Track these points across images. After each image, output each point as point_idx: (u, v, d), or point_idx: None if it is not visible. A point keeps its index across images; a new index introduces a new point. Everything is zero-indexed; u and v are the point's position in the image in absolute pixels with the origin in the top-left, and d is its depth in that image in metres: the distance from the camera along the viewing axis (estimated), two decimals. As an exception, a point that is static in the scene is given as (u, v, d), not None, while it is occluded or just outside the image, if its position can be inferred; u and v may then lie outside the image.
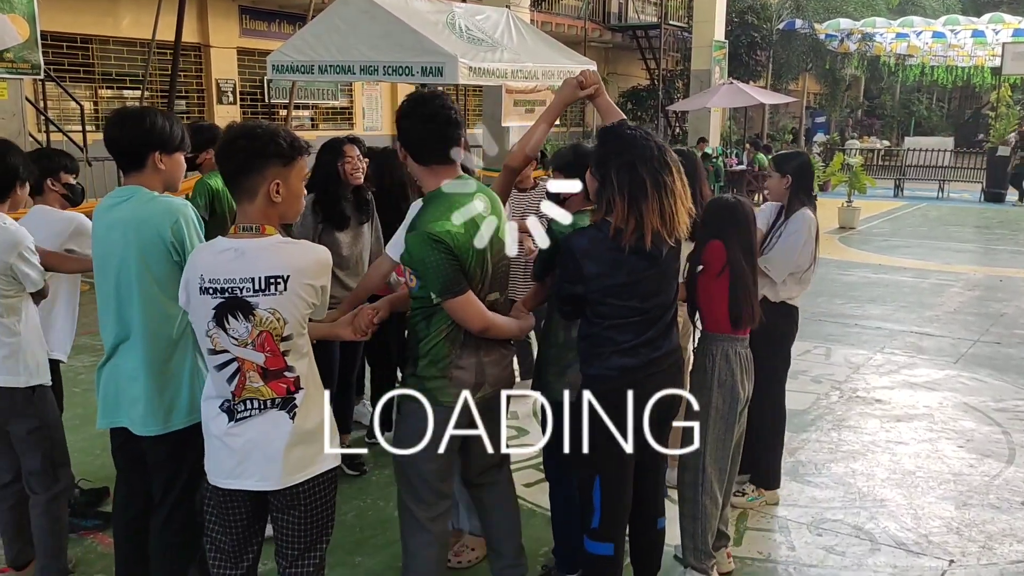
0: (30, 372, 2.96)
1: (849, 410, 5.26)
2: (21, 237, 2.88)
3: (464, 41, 10.18)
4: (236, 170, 2.25)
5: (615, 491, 2.76)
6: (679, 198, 2.58)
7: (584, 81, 2.92)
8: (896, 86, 31.99)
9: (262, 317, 2.21)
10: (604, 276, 2.59)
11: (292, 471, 2.30)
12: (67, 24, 12.20)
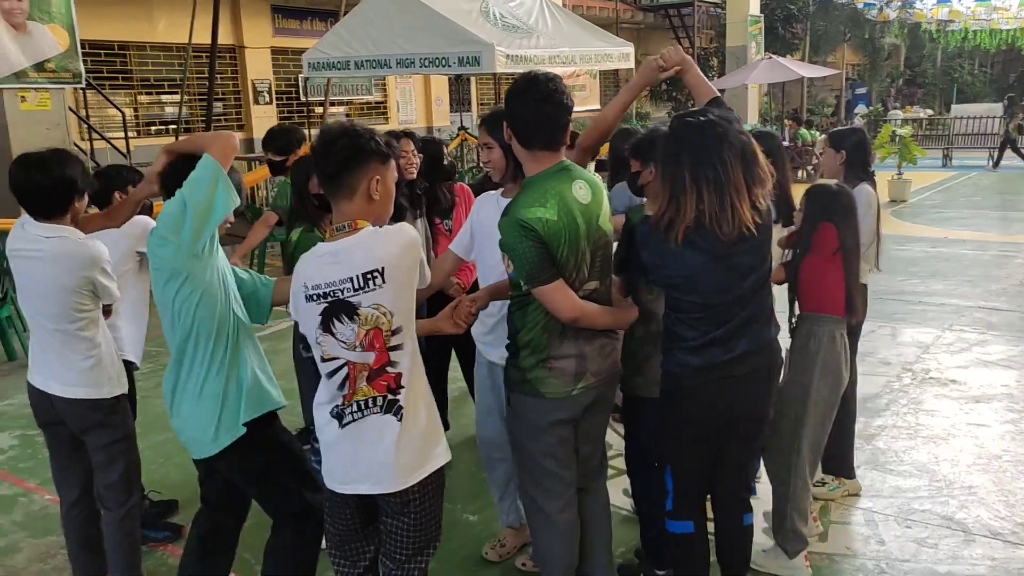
0: (112, 382, 2.93)
1: (924, 392, 5.06)
2: (100, 252, 2.83)
3: (499, 29, 10.04)
4: (339, 168, 2.22)
5: (685, 477, 2.74)
6: (736, 191, 2.41)
7: (665, 64, 2.79)
8: (937, 53, 31.17)
9: (367, 315, 2.18)
10: (659, 267, 2.55)
11: (404, 473, 2.26)
12: (104, 32, 12.28)
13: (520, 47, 9.68)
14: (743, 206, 2.41)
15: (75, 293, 2.79)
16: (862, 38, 25.57)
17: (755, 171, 2.45)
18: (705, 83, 2.84)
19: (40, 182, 2.76)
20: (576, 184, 2.50)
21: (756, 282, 2.54)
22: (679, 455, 2.73)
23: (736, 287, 2.50)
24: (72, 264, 2.78)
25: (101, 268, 2.82)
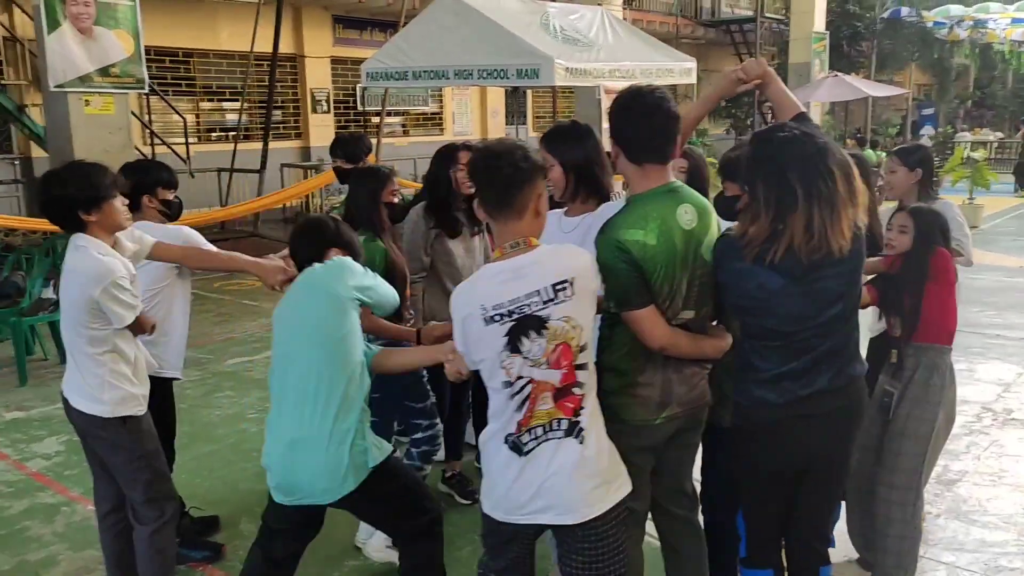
0: (118, 403, 2.84)
1: (1006, 435, 4.73)
2: (110, 270, 2.72)
3: (559, 41, 9.89)
4: (508, 185, 2.18)
5: (758, 521, 2.57)
6: (840, 207, 2.23)
7: (745, 76, 2.63)
8: (1008, 75, 30.19)
9: (556, 328, 2.14)
10: (732, 287, 2.38)
11: (588, 503, 2.20)
12: (168, 39, 12.47)
13: (580, 60, 9.52)
14: (845, 225, 2.23)
15: (81, 308, 2.74)
16: (931, 57, 24.86)
17: (854, 187, 2.27)
18: (789, 97, 2.66)
19: (42, 200, 2.81)
20: (682, 208, 2.39)
21: (843, 311, 2.32)
22: (751, 496, 2.56)
23: (818, 315, 2.30)
24: (80, 279, 2.74)
25: (104, 288, 2.70)
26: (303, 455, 2.53)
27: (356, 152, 4.85)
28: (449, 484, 4.09)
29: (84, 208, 2.75)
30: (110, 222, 2.81)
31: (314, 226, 2.80)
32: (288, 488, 2.59)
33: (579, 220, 2.80)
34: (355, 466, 2.55)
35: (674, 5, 19.94)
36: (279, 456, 2.58)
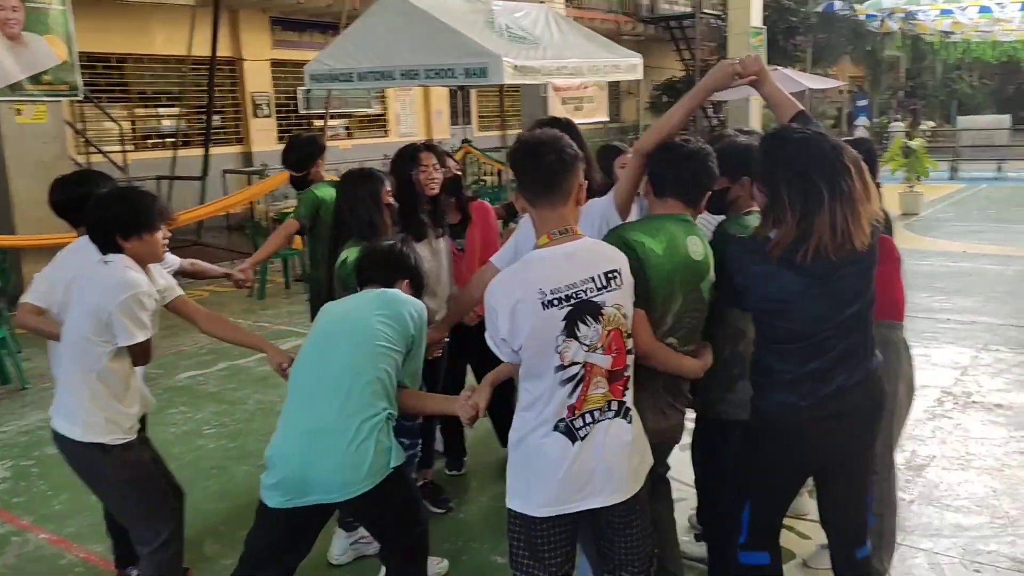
0: (89, 426, 2.73)
1: (969, 418, 4.80)
2: (137, 283, 2.70)
3: (505, 40, 9.82)
4: (555, 172, 2.22)
5: (765, 516, 2.58)
6: (859, 204, 2.24)
7: (742, 71, 2.57)
8: (937, 65, 31.08)
9: (610, 315, 2.20)
10: (752, 288, 2.38)
11: (634, 478, 2.30)
12: (101, 44, 12.05)
13: (527, 58, 9.46)
14: (865, 222, 2.24)
15: (90, 319, 2.70)
16: (864, 50, 25.44)
17: (868, 184, 2.28)
18: (785, 96, 2.62)
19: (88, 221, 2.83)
20: (692, 238, 2.50)
21: (860, 309, 2.34)
22: (763, 492, 2.54)
23: (838, 315, 2.31)
24: (101, 288, 2.70)
25: (126, 300, 2.66)
26: (325, 445, 2.45)
27: (305, 158, 4.69)
28: (421, 494, 3.97)
29: (124, 233, 2.75)
30: (145, 253, 2.81)
31: (394, 256, 2.86)
32: (299, 483, 2.45)
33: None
34: (378, 464, 2.48)
35: (614, 2, 20.04)
36: (295, 447, 2.48)
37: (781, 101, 2.61)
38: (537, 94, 12.35)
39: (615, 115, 22.37)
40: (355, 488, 2.46)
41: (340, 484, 2.45)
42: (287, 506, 2.48)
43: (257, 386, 5.75)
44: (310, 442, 2.47)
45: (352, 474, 2.45)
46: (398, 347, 2.61)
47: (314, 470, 2.45)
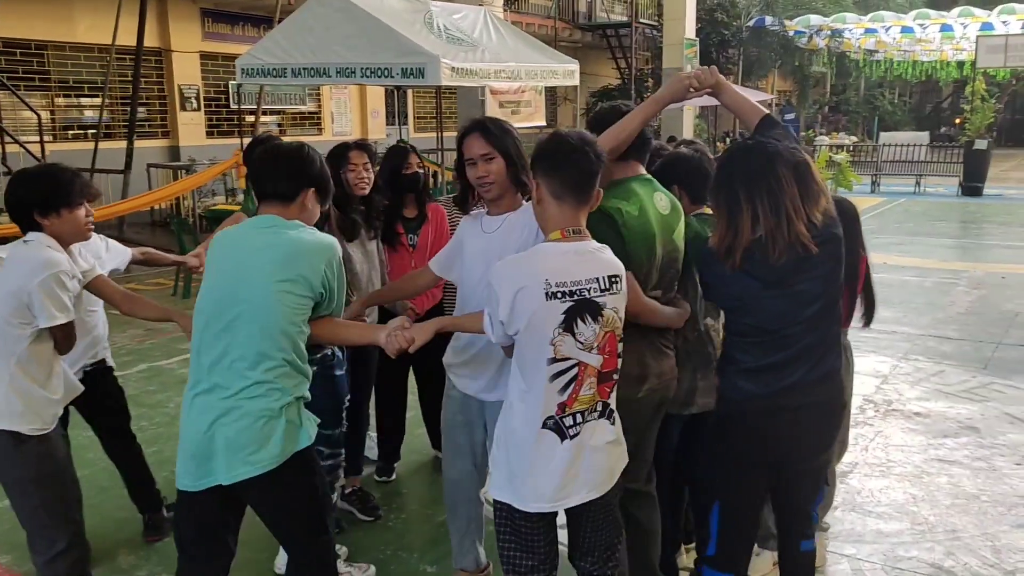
0: (3, 414, 2.67)
1: (889, 426, 4.93)
2: (56, 262, 2.65)
3: (443, 41, 9.75)
4: (592, 175, 2.28)
5: (736, 521, 2.60)
6: (788, 205, 2.32)
7: (698, 85, 2.61)
8: (861, 82, 32.19)
9: (608, 317, 2.26)
10: (716, 288, 2.56)
11: (611, 477, 2.37)
12: (21, 30, 11.56)
13: (465, 60, 9.41)
14: (799, 222, 2.31)
15: (10, 301, 2.64)
16: (792, 65, 26.17)
17: (811, 187, 2.35)
18: (747, 103, 2.67)
19: (6, 199, 2.76)
20: (657, 195, 2.63)
21: (821, 309, 2.43)
22: (728, 487, 2.59)
23: (799, 315, 2.41)
24: (21, 268, 2.65)
25: (45, 279, 2.60)
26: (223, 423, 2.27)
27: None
28: (349, 501, 3.88)
29: (42, 210, 2.70)
30: (66, 231, 2.75)
31: (295, 160, 2.45)
32: (201, 454, 2.28)
33: (502, 219, 2.70)
34: (288, 431, 2.30)
35: (552, 8, 20.13)
36: (195, 415, 2.31)
37: (743, 108, 2.67)
38: (474, 96, 12.29)
39: (552, 120, 22.52)
40: (263, 460, 2.28)
41: (239, 462, 2.28)
42: (195, 488, 2.33)
43: (178, 388, 5.54)
44: (207, 403, 2.31)
45: (257, 438, 2.28)
46: (305, 312, 2.37)
47: (214, 438, 2.29)
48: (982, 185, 17.28)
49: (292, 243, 2.34)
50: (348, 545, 3.53)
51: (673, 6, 19.28)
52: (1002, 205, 16.08)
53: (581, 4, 22.34)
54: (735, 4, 23.52)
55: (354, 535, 3.67)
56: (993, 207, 15.84)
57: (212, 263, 2.41)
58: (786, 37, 24.04)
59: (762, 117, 2.61)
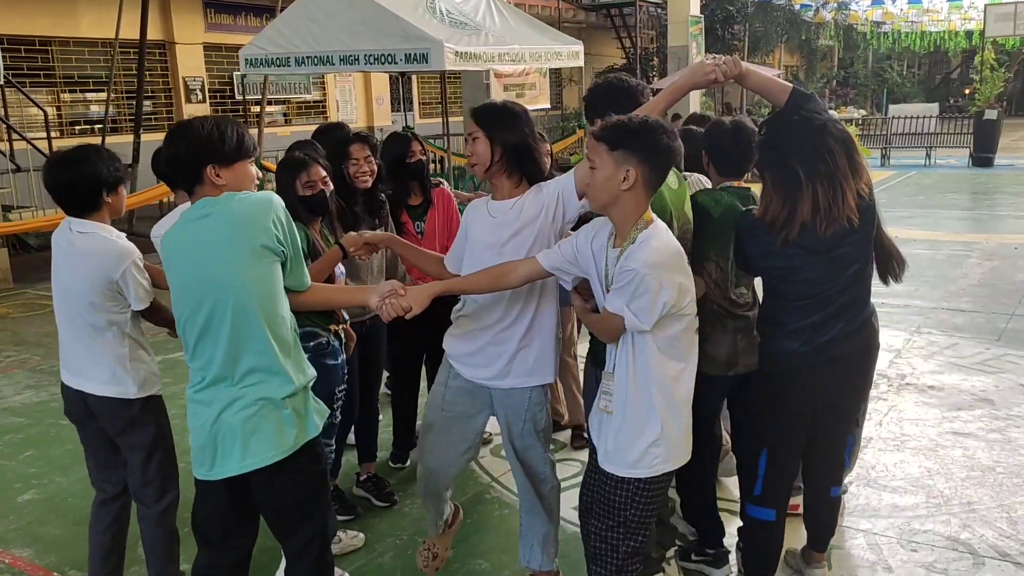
0: (140, 383, 2.88)
1: (903, 400, 4.92)
2: (131, 250, 2.78)
3: (446, 25, 9.69)
4: (671, 160, 2.36)
5: (780, 465, 2.80)
6: (843, 181, 2.44)
7: (722, 77, 2.60)
8: (869, 55, 31.89)
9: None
10: (760, 258, 2.65)
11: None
12: (24, 27, 11.57)
13: (469, 44, 9.36)
14: (850, 197, 2.44)
15: (99, 290, 2.76)
16: (798, 39, 25.94)
17: (856, 161, 2.48)
18: (773, 81, 2.69)
19: (64, 179, 2.76)
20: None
21: (858, 270, 2.60)
22: (777, 437, 2.77)
23: (838, 277, 2.56)
24: (98, 260, 2.75)
25: (127, 268, 2.74)
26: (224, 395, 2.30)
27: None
28: (365, 487, 3.91)
29: (109, 188, 2.79)
30: (119, 206, 2.87)
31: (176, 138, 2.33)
32: (211, 445, 2.30)
33: (511, 203, 2.68)
34: (294, 420, 2.31)
35: (555, -11, 19.98)
36: (200, 409, 2.34)
37: (770, 89, 2.67)
38: (479, 80, 12.27)
39: (557, 102, 22.41)
40: (277, 447, 2.28)
41: (247, 452, 2.28)
42: (212, 477, 2.33)
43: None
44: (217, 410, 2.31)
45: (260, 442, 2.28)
46: (276, 282, 2.32)
47: (220, 439, 2.30)
48: (993, 156, 17.13)
49: (232, 215, 2.26)
50: (365, 531, 3.56)
51: (677, -17, 19.14)
52: (1014, 175, 15.94)
53: (584, -16, 22.20)
54: (740, -21, 23.33)
55: (370, 520, 3.70)
56: (1004, 177, 15.71)
57: (171, 270, 2.35)
58: (792, 11, 23.85)
59: (791, 91, 2.60)
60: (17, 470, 4.36)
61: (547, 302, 2.76)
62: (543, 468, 2.89)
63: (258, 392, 2.29)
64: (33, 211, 9.64)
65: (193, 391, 2.37)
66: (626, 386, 2.37)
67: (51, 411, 5.09)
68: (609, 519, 2.47)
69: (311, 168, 3.16)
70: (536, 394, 2.80)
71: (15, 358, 6.35)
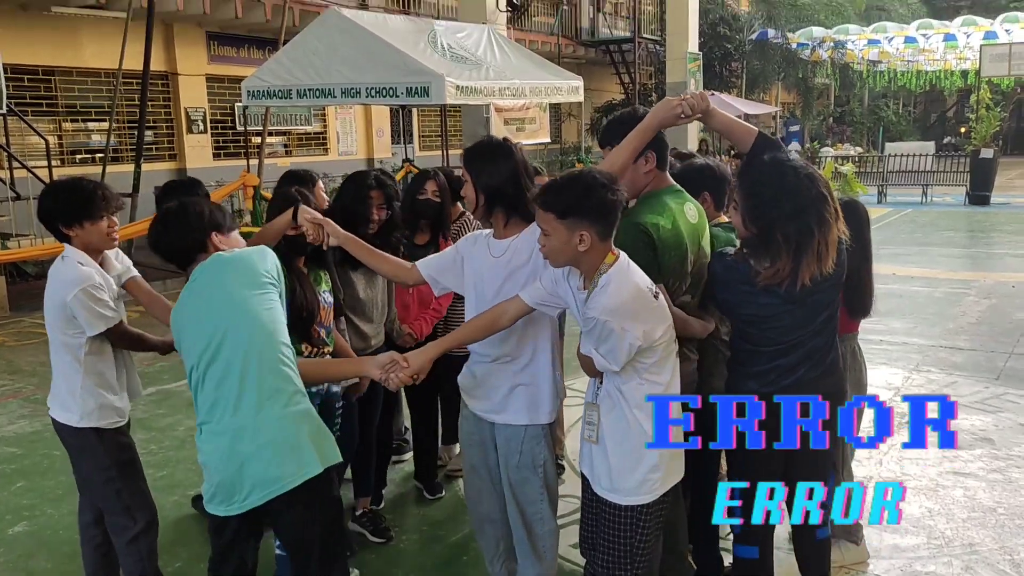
0: (87, 412, 2.91)
1: (903, 438, 4.86)
2: (84, 277, 2.83)
3: (447, 59, 9.79)
4: (621, 210, 2.38)
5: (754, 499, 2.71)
6: (834, 229, 2.45)
7: (689, 112, 2.56)
8: (865, 93, 32.19)
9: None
10: (735, 305, 2.64)
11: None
12: (29, 56, 11.65)
13: (470, 78, 9.44)
14: (832, 244, 2.45)
15: (57, 313, 2.84)
16: (795, 77, 26.19)
17: (836, 206, 2.49)
18: (739, 124, 2.70)
19: (44, 206, 2.92)
20: (687, 205, 2.73)
21: (828, 316, 2.61)
22: (747, 474, 2.72)
23: (810, 324, 2.57)
24: (57, 284, 2.85)
25: (76, 294, 2.79)
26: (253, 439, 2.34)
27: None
28: (360, 523, 3.86)
29: (65, 222, 2.87)
30: (92, 240, 2.90)
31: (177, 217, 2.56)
32: (232, 481, 2.32)
33: (507, 243, 2.69)
34: (318, 441, 2.38)
35: (555, 25, 20.22)
36: (224, 444, 2.34)
37: (735, 130, 2.67)
38: (479, 114, 12.33)
39: (556, 136, 22.57)
40: (300, 469, 2.32)
41: (277, 469, 2.31)
42: (227, 514, 2.36)
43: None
44: (236, 438, 2.34)
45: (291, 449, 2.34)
46: (279, 310, 2.47)
47: (244, 456, 2.32)
48: (989, 194, 17.23)
49: (224, 261, 2.47)
50: (360, 567, 3.51)
51: (676, 21, 19.41)
52: (1010, 214, 16.02)
53: (584, 20, 22.44)
54: (737, 18, 23.62)
55: (366, 557, 3.65)
56: (1001, 216, 15.78)
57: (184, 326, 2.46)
58: (789, 50, 24.08)
59: (756, 136, 2.61)
60: (8, 501, 4.31)
61: (543, 339, 2.75)
62: (539, 506, 2.85)
63: (278, 412, 2.35)
64: (32, 239, 9.64)
65: (211, 424, 2.38)
66: (615, 416, 2.40)
67: (44, 441, 5.04)
68: (615, 550, 2.45)
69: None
70: (532, 429, 2.78)
71: (9, 387, 6.31)
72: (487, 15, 13.69)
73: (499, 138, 2.81)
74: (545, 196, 2.33)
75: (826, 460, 2.77)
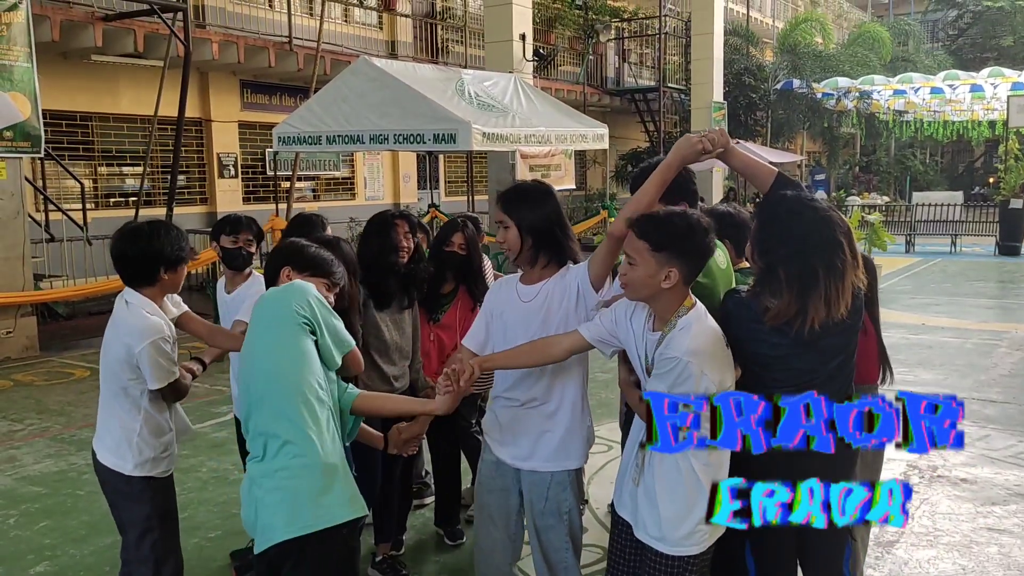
0: (140, 462, 2.87)
1: (935, 493, 4.77)
2: (157, 328, 2.80)
3: (474, 107, 9.93)
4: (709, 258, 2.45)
5: (768, 566, 2.61)
6: (848, 275, 2.38)
7: (710, 147, 2.52)
8: (891, 142, 32.16)
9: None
10: (743, 342, 2.49)
11: None
12: (65, 102, 11.98)
13: (496, 125, 9.57)
14: (848, 291, 2.38)
15: (122, 361, 2.80)
16: (821, 126, 26.24)
17: (856, 252, 2.44)
18: (756, 163, 2.65)
19: (127, 252, 2.85)
20: (717, 252, 2.66)
21: (842, 362, 2.51)
22: (758, 535, 2.50)
23: (822, 369, 2.47)
24: (126, 332, 2.80)
25: (146, 346, 2.75)
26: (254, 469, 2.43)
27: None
28: (380, 569, 3.82)
29: (170, 264, 2.85)
30: (174, 283, 2.93)
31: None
32: (249, 520, 2.41)
33: (539, 288, 2.69)
34: (318, 499, 2.36)
35: (581, 74, 20.48)
36: (245, 482, 2.45)
37: (755, 170, 2.63)
38: (505, 160, 12.47)
39: (581, 183, 22.71)
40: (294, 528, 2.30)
41: (272, 527, 2.32)
42: (257, 551, 2.38)
43: (211, 452, 5.55)
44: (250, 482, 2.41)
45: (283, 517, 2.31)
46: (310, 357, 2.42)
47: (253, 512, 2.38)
48: (1019, 244, 17.04)
49: (267, 297, 2.54)
50: (380, 615, 3.47)
51: (700, 71, 19.60)
52: (1041, 264, 15.82)
53: (609, 70, 22.73)
54: (762, 68, 23.77)
55: (385, 604, 3.61)
56: (1032, 266, 15.59)
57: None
58: (814, 99, 24.16)
59: (776, 176, 2.57)
60: (31, 541, 4.32)
61: (572, 382, 2.74)
62: (564, 554, 2.81)
63: (281, 463, 2.35)
64: (64, 280, 9.80)
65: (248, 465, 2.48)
66: (668, 463, 2.34)
67: (69, 481, 5.06)
68: None
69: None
70: (559, 475, 2.75)
71: (37, 426, 6.36)
72: (514, 64, 13.90)
73: (531, 181, 2.83)
74: (643, 225, 2.32)
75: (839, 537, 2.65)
